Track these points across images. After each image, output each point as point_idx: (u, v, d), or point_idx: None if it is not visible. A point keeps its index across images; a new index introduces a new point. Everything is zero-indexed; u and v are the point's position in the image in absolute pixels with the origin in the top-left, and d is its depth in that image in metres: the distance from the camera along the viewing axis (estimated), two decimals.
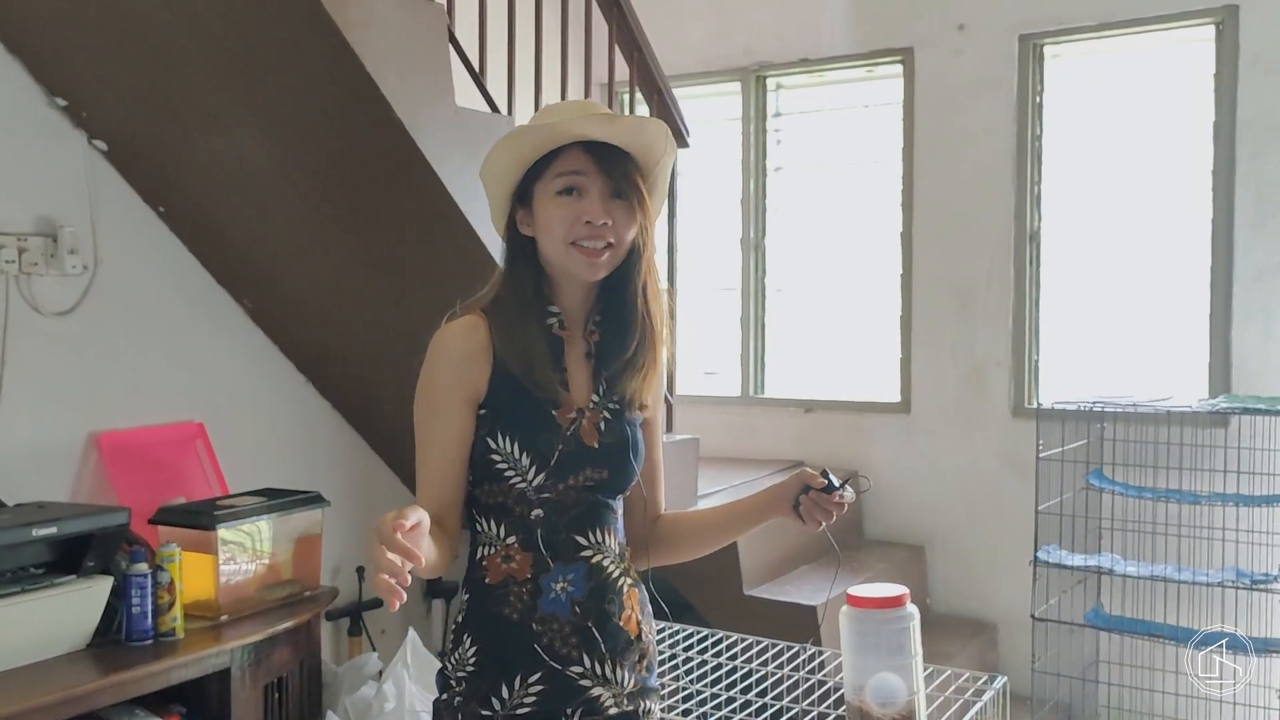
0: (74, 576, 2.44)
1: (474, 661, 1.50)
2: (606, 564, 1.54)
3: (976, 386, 4.28)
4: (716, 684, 2.41)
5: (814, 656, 2.43)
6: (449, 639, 1.57)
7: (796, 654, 2.44)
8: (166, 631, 2.56)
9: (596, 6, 3.38)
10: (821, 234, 4.71)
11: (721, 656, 2.49)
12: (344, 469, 3.71)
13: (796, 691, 2.36)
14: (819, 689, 2.32)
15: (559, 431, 1.50)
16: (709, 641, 2.55)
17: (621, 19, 3.42)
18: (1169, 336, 4.05)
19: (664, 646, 2.53)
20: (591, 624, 1.50)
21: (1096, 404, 3.63)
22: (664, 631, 2.58)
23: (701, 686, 2.41)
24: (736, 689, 2.39)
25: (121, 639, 2.52)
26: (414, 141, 2.58)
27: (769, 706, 2.35)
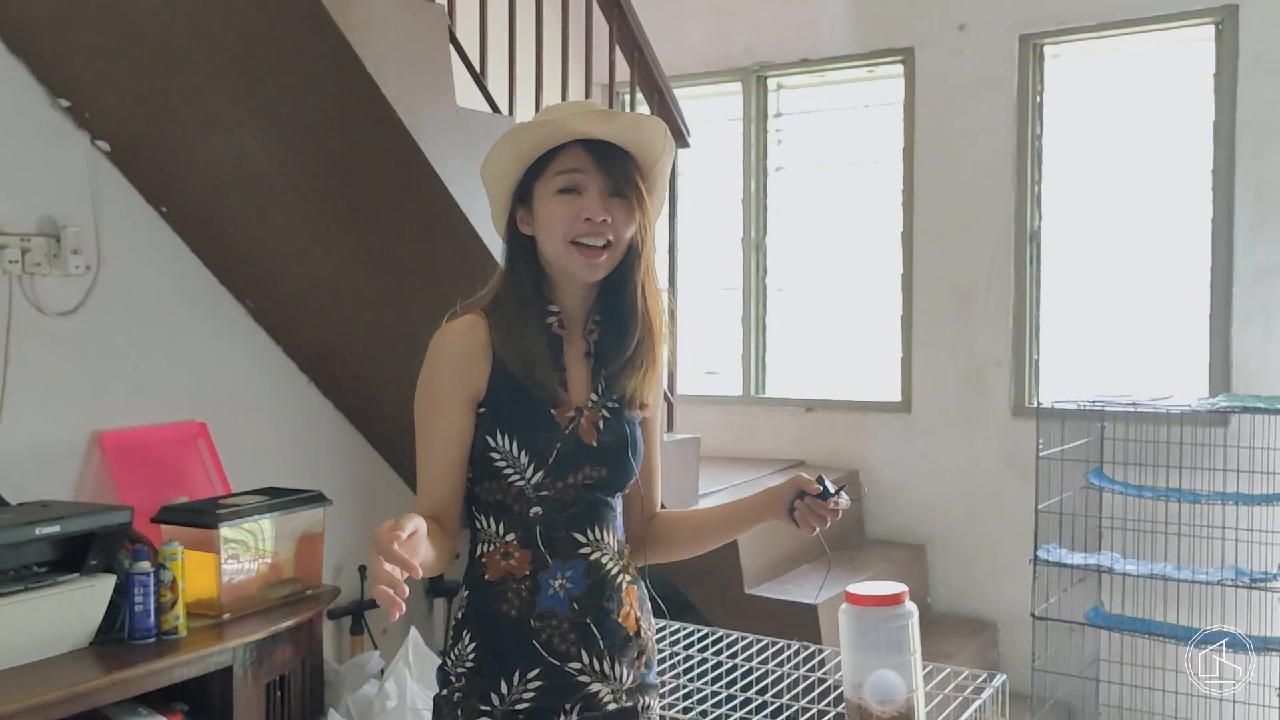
0: (77, 575, 2.45)
1: (473, 657, 1.51)
2: (605, 561, 1.54)
3: (977, 386, 4.28)
4: (718, 682, 2.42)
5: (814, 654, 2.44)
6: (449, 635, 1.58)
7: (796, 652, 2.45)
8: (169, 630, 2.57)
9: (597, 7, 3.39)
10: (822, 234, 4.71)
11: (722, 655, 2.50)
12: (346, 468, 3.71)
13: (797, 689, 2.37)
14: (819, 687, 2.33)
15: (558, 430, 1.51)
16: (710, 640, 2.56)
17: (622, 19, 3.42)
18: (1169, 336, 4.05)
19: (665, 645, 2.54)
20: (590, 620, 1.51)
21: (1096, 403, 3.64)
22: (666, 630, 2.59)
23: (703, 684, 2.42)
24: (737, 687, 2.40)
25: (124, 637, 2.53)
26: (415, 142, 2.59)
27: (769, 704, 2.36)
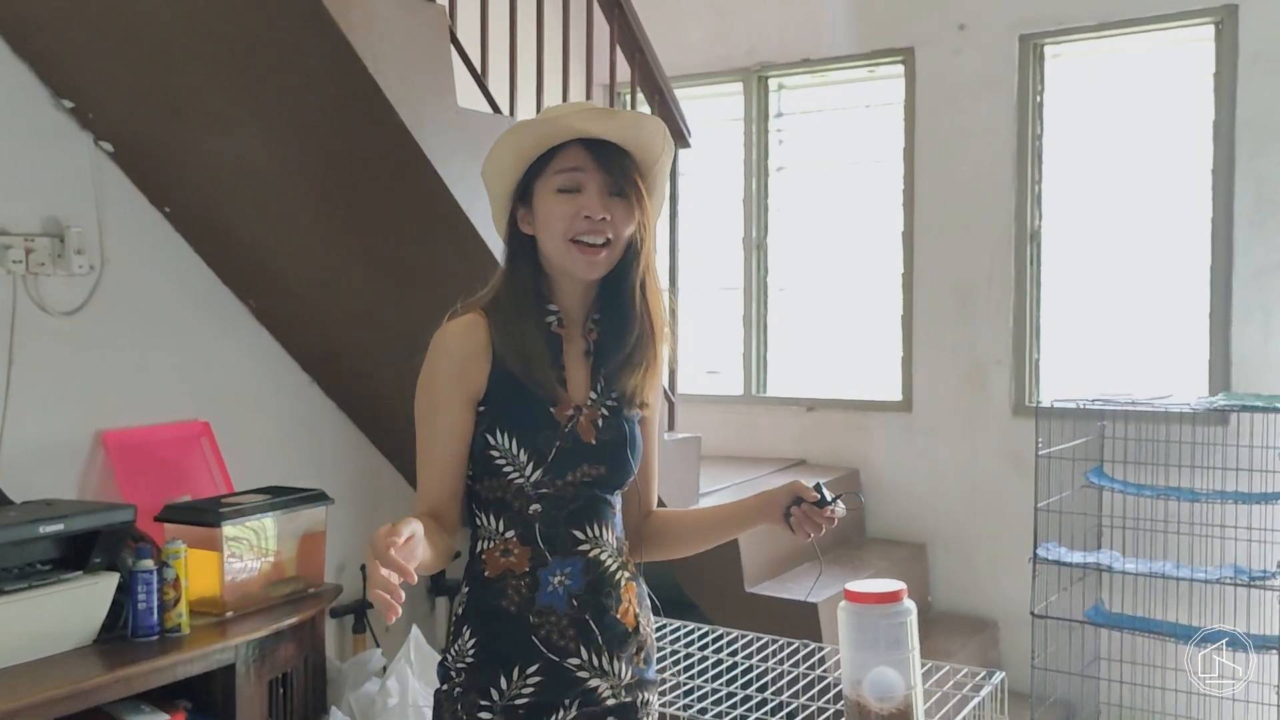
0: (80, 573, 2.47)
1: (473, 653, 1.52)
2: (604, 558, 1.55)
3: (977, 385, 4.29)
4: (718, 679, 2.43)
5: (814, 652, 2.45)
6: (449, 631, 1.59)
7: (797, 649, 2.46)
8: (172, 627, 2.58)
9: (598, 7, 3.39)
10: (823, 233, 4.72)
11: (723, 653, 2.51)
12: (348, 467, 3.73)
13: (797, 686, 2.38)
14: (819, 684, 2.34)
15: (557, 428, 1.52)
16: (710, 638, 2.57)
17: (623, 19, 3.43)
18: (1169, 334, 4.06)
19: (667, 643, 2.55)
20: (588, 616, 1.52)
21: (1096, 402, 3.65)
22: (667, 628, 2.60)
23: (704, 682, 2.43)
24: (738, 684, 2.41)
25: (127, 635, 2.55)
26: (416, 142, 2.59)
27: (769, 701, 2.37)
